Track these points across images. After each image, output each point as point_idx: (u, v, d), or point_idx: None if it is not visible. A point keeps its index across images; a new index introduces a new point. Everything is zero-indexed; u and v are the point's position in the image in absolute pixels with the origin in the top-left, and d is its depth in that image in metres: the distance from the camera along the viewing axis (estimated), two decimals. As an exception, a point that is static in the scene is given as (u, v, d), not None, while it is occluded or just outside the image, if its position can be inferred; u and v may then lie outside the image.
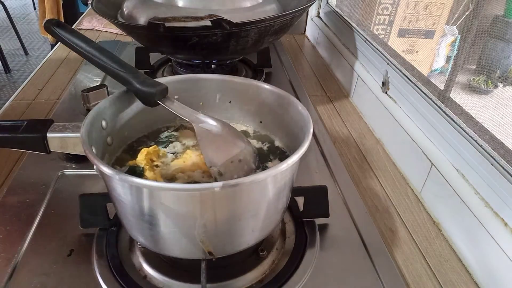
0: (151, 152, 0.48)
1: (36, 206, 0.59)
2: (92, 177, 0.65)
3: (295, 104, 0.49)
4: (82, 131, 0.43)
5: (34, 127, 0.49)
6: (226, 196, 0.38)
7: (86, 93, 0.76)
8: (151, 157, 0.48)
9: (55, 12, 2.00)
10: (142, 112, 0.53)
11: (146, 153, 0.48)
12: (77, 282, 0.48)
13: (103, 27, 1.36)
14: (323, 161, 0.71)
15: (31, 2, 4.43)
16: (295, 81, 1.00)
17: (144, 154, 0.47)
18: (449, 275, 0.54)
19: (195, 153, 0.49)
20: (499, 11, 0.87)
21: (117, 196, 0.41)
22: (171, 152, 0.51)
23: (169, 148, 0.52)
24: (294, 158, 0.39)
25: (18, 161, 0.72)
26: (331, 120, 0.90)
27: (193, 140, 0.54)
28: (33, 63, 3.21)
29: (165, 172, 0.48)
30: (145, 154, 0.47)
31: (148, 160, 0.48)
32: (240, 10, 0.82)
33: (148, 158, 0.48)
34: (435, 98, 0.68)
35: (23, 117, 0.86)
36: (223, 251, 0.44)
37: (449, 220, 0.60)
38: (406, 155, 0.73)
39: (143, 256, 0.50)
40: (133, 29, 0.83)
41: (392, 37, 1.20)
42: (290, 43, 1.32)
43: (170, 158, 0.50)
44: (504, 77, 0.89)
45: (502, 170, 0.52)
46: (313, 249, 0.53)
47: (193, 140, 0.54)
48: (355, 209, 0.60)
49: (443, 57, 1.23)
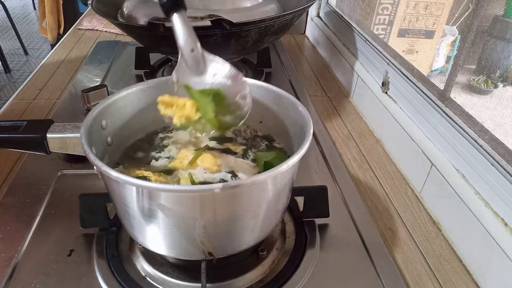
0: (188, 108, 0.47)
1: (36, 206, 0.59)
2: (92, 177, 0.65)
3: (295, 104, 0.49)
4: (82, 131, 0.43)
5: (34, 128, 0.49)
6: (226, 197, 0.38)
7: (86, 93, 0.76)
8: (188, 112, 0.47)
9: (55, 12, 2.00)
10: (142, 112, 0.53)
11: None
12: (77, 282, 0.48)
13: (103, 27, 1.36)
14: (323, 161, 0.71)
15: (31, 2, 4.43)
16: (295, 81, 1.00)
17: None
18: (449, 275, 0.54)
19: (190, 152, 0.50)
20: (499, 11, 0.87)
21: (117, 197, 0.41)
22: (166, 157, 0.51)
23: (164, 153, 0.52)
24: (294, 158, 0.39)
25: (18, 161, 0.72)
26: (331, 120, 0.90)
27: (188, 142, 0.54)
28: (33, 63, 3.20)
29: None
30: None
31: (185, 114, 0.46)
32: (240, 10, 0.82)
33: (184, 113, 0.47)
34: (435, 98, 0.68)
35: (23, 117, 0.86)
36: (223, 252, 0.44)
37: (449, 220, 0.60)
38: (406, 155, 0.73)
39: (143, 256, 0.50)
40: (133, 29, 0.83)
41: (392, 37, 1.20)
42: (290, 43, 1.32)
43: (166, 161, 0.50)
44: (504, 77, 0.89)
45: (502, 170, 0.52)
46: (313, 249, 0.53)
47: (187, 142, 0.54)
48: (355, 209, 0.60)
49: (443, 57, 1.23)
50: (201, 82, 0.48)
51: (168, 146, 0.53)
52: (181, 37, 0.46)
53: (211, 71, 0.48)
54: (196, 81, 0.48)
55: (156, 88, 0.54)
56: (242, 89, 0.47)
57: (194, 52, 0.46)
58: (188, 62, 0.47)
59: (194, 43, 0.46)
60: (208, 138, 0.54)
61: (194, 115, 0.46)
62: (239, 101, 0.47)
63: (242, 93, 0.47)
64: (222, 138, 0.54)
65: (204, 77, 0.48)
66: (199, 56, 0.47)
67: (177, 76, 0.48)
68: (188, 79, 0.48)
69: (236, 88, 0.47)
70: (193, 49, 0.46)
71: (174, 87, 0.48)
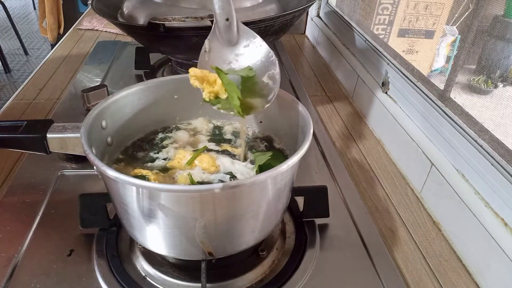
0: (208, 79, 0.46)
1: (36, 206, 0.59)
2: (92, 177, 0.65)
3: (295, 104, 0.49)
4: (82, 131, 0.43)
5: (34, 128, 0.49)
6: (226, 197, 0.38)
7: (86, 93, 0.76)
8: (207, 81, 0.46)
9: (55, 12, 2.00)
10: (141, 112, 0.53)
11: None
12: (77, 282, 0.48)
13: (103, 27, 1.36)
14: (323, 161, 0.71)
15: (31, 2, 4.43)
16: (295, 81, 1.00)
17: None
18: (449, 275, 0.54)
19: (188, 152, 0.50)
20: (499, 11, 0.87)
21: (117, 197, 0.41)
22: (163, 158, 0.51)
23: (162, 154, 0.52)
24: (294, 159, 0.39)
25: (18, 161, 0.72)
26: (331, 120, 0.90)
27: (186, 143, 0.54)
28: (33, 63, 3.20)
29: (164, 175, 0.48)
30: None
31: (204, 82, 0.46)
32: (240, 10, 0.82)
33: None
34: (435, 98, 0.68)
35: (23, 117, 0.86)
36: (223, 252, 0.44)
37: (449, 220, 0.60)
38: (406, 155, 0.73)
39: (143, 256, 0.50)
40: (133, 29, 0.83)
41: (392, 37, 1.20)
42: (290, 43, 1.32)
43: (164, 162, 0.50)
44: (504, 77, 0.89)
45: (502, 170, 0.52)
46: (313, 249, 0.53)
47: (186, 142, 0.54)
48: (355, 209, 0.60)
49: (443, 57, 1.23)
50: (232, 53, 0.47)
51: (167, 147, 0.52)
52: (218, 4, 0.45)
53: (243, 43, 0.47)
54: (226, 52, 0.47)
55: (156, 88, 0.54)
56: (272, 67, 0.46)
57: (229, 21, 0.46)
58: (222, 31, 0.46)
59: (230, 12, 0.45)
60: (207, 140, 0.54)
61: (223, 93, 0.46)
62: (266, 82, 0.46)
63: (271, 72, 0.46)
64: (221, 140, 0.54)
65: (236, 48, 0.47)
66: (234, 26, 0.46)
67: (210, 45, 0.47)
68: (220, 49, 0.47)
69: (266, 65, 0.46)
70: (228, 18, 0.45)
71: (205, 56, 0.47)
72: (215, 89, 0.46)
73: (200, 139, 0.54)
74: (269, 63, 0.47)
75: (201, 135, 0.55)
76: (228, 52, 0.48)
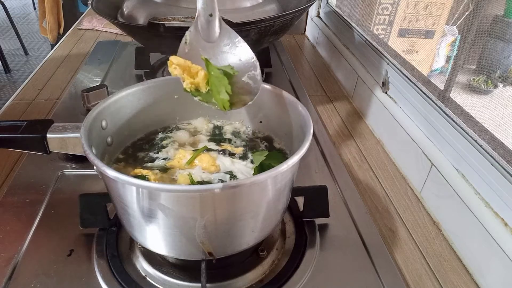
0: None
1: (36, 206, 0.59)
2: (92, 177, 0.65)
3: (295, 104, 0.49)
4: (82, 131, 0.43)
5: (34, 128, 0.49)
6: (226, 197, 0.38)
7: (86, 93, 0.76)
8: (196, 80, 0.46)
9: (55, 12, 2.00)
10: (141, 112, 0.53)
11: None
12: (77, 282, 0.48)
13: (103, 27, 1.36)
14: (323, 161, 0.71)
15: (31, 2, 4.43)
16: (295, 81, 1.00)
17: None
18: (449, 275, 0.54)
19: (188, 152, 0.49)
20: (499, 11, 0.87)
21: (117, 197, 0.41)
22: (163, 158, 0.51)
23: (162, 154, 0.51)
24: (294, 159, 0.39)
25: (18, 161, 0.72)
26: (331, 120, 0.90)
27: (186, 143, 0.54)
28: (33, 63, 3.20)
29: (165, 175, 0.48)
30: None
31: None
32: (240, 10, 0.82)
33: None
34: (435, 98, 0.68)
35: (23, 117, 0.86)
36: (223, 252, 0.44)
37: (449, 220, 0.60)
38: (406, 155, 0.73)
39: (143, 256, 0.50)
40: (133, 29, 0.83)
41: (392, 37, 1.20)
42: (290, 43, 1.32)
43: (164, 162, 0.50)
44: (504, 77, 0.89)
45: (502, 170, 0.52)
46: (313, 249, 0.53)
47: (186, 142, 0.54)
48: (355, 209, 0.60)
49: (443, 57, 1.23)
50: (211, 50, 0.47)
51: (167, 147, 0.52)
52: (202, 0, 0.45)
53: (224, 41, 0.47)
54: (205, 47, 0.47)
55: (156, 88, 0.54)
56: (252, 68, 0.46)
57: (212, 17, 0.46)
58: (203, 26, 0.46)
59: (213, 8, 0.45)
60: (207, 139, 0.54)
61: (204, 87, 0.46)
62: (247, 82, 0.46)
63: (251, 73, 0.46)
64: (221, 140, 0.54)
65: (215, 46, 0.47)
66: (216, 22, 0.46)
67: (190, 37, 0.47)
68: (198, 43, 0.47)
69: (246, 65, 0.46)
70: (211, 14, 0.46)
71: (185, 48, 0.47)
72: (196, 81, 0.46)
73: (200, 139, 0.54)
74: (249, 64, 0.47)
75: (201, 135, 0.55)
76: (208, 47, 0.47)
